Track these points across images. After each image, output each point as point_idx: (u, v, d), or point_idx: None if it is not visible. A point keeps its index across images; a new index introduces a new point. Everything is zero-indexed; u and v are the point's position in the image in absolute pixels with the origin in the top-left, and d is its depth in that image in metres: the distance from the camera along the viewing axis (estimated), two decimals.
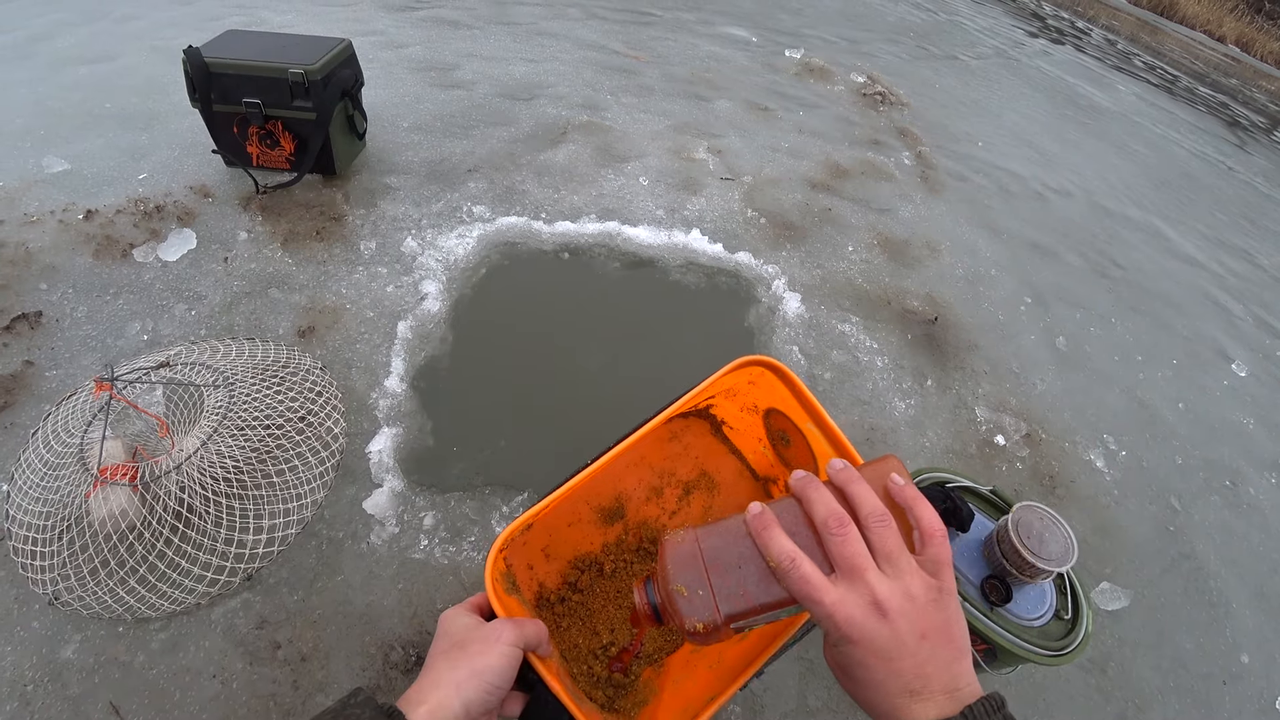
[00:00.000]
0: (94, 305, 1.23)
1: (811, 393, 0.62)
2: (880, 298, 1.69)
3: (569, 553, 0.79)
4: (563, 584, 0.77)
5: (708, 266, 1.64)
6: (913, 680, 0.41)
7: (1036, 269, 2.02)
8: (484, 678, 0.47)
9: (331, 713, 0.43)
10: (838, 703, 0.95)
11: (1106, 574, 1.23)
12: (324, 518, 1.01)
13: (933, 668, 0.41)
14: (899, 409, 1.40)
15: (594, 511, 0.81)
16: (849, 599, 0.42)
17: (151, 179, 1.53)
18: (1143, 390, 1.70)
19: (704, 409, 0.81)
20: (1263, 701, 1.15)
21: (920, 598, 0.42)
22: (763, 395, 0.70)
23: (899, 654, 0.41)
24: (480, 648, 0.48)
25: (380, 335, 1.28)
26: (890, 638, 0.41)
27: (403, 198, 1.61)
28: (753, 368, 0.63)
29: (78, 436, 0.97)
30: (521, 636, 0.50)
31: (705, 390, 0.62)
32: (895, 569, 0.42)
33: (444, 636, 0.50)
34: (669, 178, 1.91)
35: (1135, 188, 2.99)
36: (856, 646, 0.41)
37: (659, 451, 0.82)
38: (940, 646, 0.42)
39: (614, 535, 0.81)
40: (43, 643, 0.85)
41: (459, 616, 0.52)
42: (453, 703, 0.45)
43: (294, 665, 0.87)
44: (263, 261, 1.38)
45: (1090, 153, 3.22)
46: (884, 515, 0.44)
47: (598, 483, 0.79)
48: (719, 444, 0.83)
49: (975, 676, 0.42)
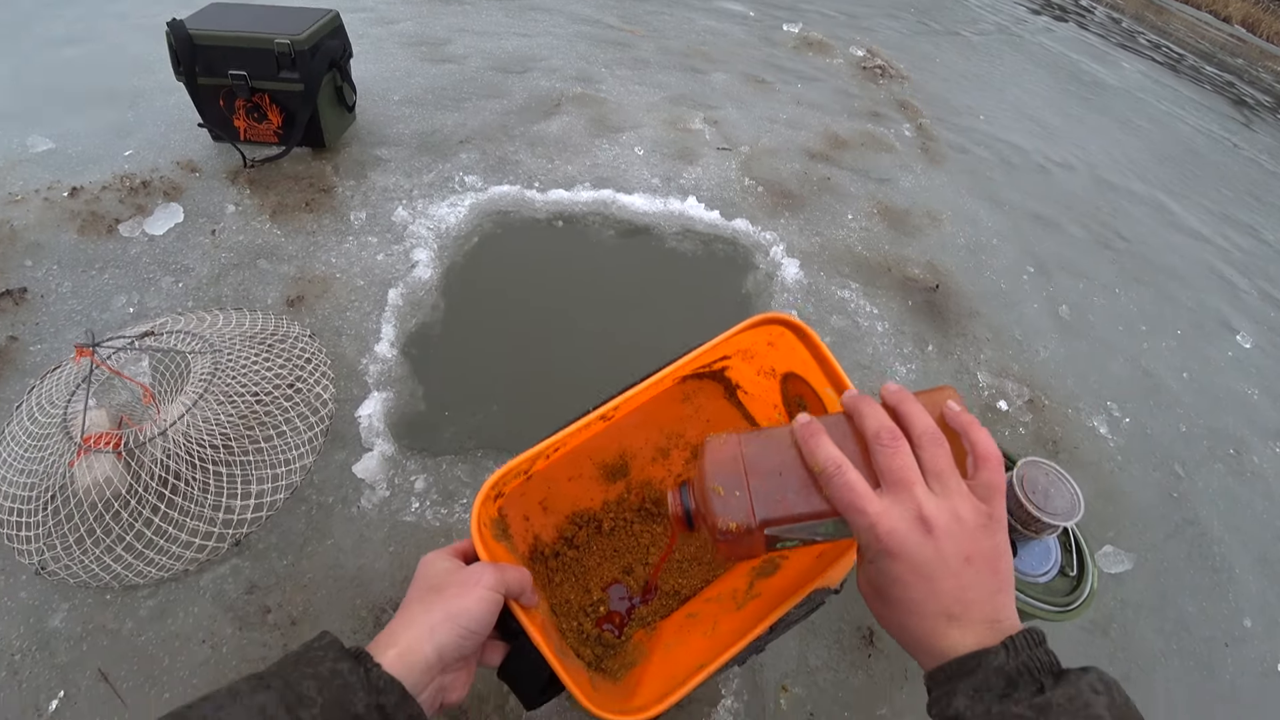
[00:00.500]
0: (79, 280, 1.22)
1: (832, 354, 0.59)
2: (880, 265, 1.66)
3: (567, 507, 0.77)
4: (559, 539, 0.75)
5: (704, 234, 1.61)
6: (952, 604, 0.39)
7: (1039, 239, 1.99)
8: (459, 621, 0.44)
9: (295, 655, 0.41)
10: (838, 662, 0.93)
11: (1110, 538, 1.22)
12: (313, 483, 0.99)
13: (975, 594, 0.39)
14: (900, 373, 1.39)
15: (596, 468, 0.78)
16: (893, 511, 0.39)
17: (137, 155, 1.51)
18: (1146, 359, 1.68)
19: (719, 371, 0.78)
20: (1265, 665, 1.14)
21: (969, 521, 0.39)
22: (781, 358, 0.66)
23: (940, 574, 0.39)
24: (457, 591, 0.45)
25: (370, 303, 1.27)
26: (933, 556, 0.39)
27: (393, 169, 1.59)
28: (772, 326, 0.60)
29: (61, 407, 0.96)
30: (502, 581, 0.47)
31: (720, 347, 0.59)
32: (944, 488, 0.40)
33: (421, 579, 0.48)
34: (664, 148, 1.88)
35: (1139, 162, 2.95)
36: (896, 561, 0.39)
37: (669, 412, 0.80)
38: (985, 574, 0.39)
39: (615, 493, 0.79)
40: (30, 612, 0.84)
41: (438, 560, 0.50)
42: (424, 646, 0.42)
43: (284, 629, 0.85)
44: (251, 233, 1.36)
45: (1093, 128, 3.18)
46: (937, 434, 0.42)
47: (602, 439, 0.77)
48: (732, 408, 0.80)
49: (1016, 613, 0.40)
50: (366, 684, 0.39)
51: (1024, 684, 0.36)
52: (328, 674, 0.39)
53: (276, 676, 0.38)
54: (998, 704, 0.35)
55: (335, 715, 0.37)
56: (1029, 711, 0.34)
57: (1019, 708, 0.34)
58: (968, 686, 0.37)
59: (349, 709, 0.37)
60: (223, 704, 0.36)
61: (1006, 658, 0.36)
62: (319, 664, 0.39)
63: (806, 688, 0.91)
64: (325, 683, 0.38)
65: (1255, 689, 1.10)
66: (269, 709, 0.36)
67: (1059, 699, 0.34)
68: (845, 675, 0.93)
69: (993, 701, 0.36)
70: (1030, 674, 0.36)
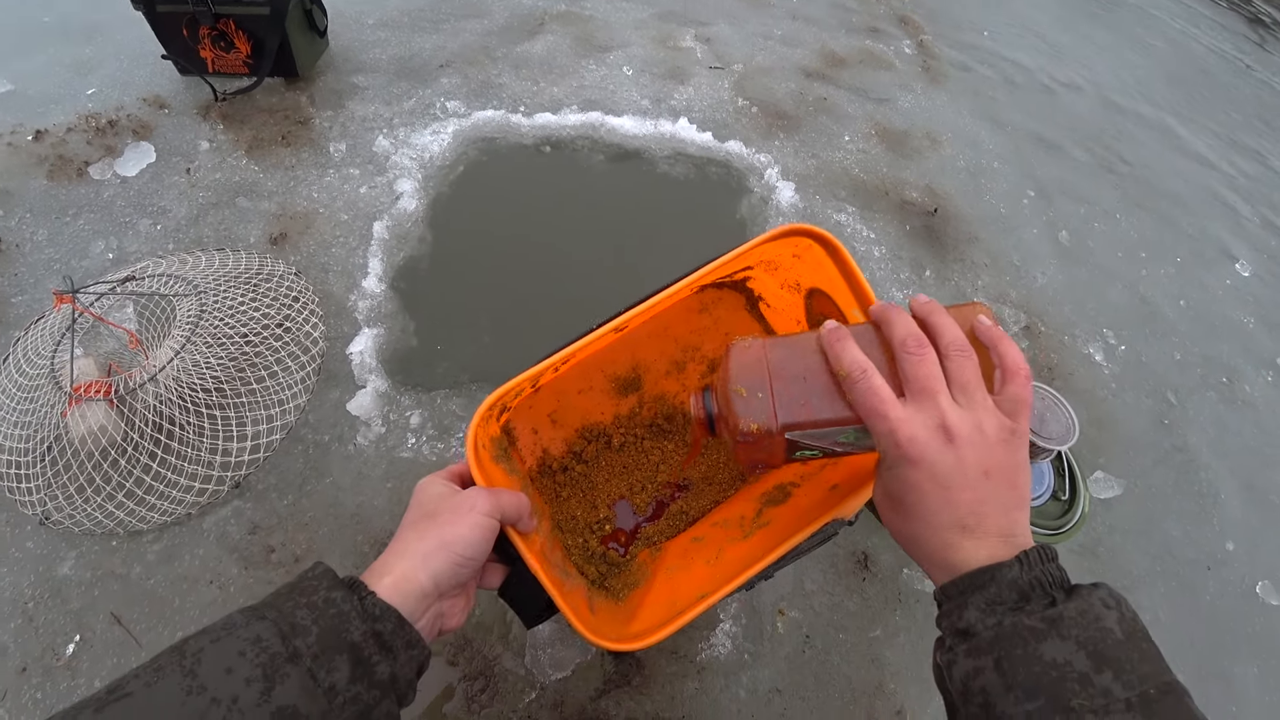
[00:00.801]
0: (54, 227, 1.17)
1: (861, 272, 0.56)
2: (878, 188, 1.62)
3: (577, 421, 0.75)
4: (567, 453, 0.74)
5: (697, 157, 1.56)
6: (967, 515, 0.39)
7: (1041, 163, 1.94)
8: (453, 549, 0.43)
9: (289, 586, 0.40)
10: (833, 586, 0.96)
11: (1101, 464, 1.24)
12: (308, 422, 0.99)
13: (991, 507, 0.39)
14: (896, 299, 1.37)
15: (608, 380, 0.76)
16: (916, 418, 0.39)
17: (101, 93, 1.43)
18: (1144, 286, 1.67)
19: (740, 281, 0.74)
20: (1244, 586, 1.18)
21: (991, 434, 0.39)
22: (807, 272, 0.64)
23: (959, 484, 0.39)
24: (451, 517, 0.45)
25: (356, 238, 1.23)
26: (953, 465, 0.39)
27: (372, 97, 1.51)
28: (800, 238, 0.57)
29: (48, 357, 0.94)
30: (498, 507, 0.46)
31: (743, 256, 0.56)
32: (969, 400, 0.40)
33: (416, 506, 0.47)
34: (654, 67, 1.79)
35: (1148, 84, 2.84)
36: (915, 468, 0.39)
37: (686, 323, 0.77)
38: (1002, 488, 0.39)
39: (627, 407, 0.77)
40: (39, 561, 0.85)
41: (433, 484, 0.49)
42: (419, 574, 0.42)
43: (288, 567, 0.86)
44: (227, 171, 1.31)
45: (1102, 46, 3.05)
46: (965, 346, 0.41)
47: (615, 350, 0.74)
48: (753, 321, 0.77)
49: (1029, 529, 0.40)
50: (361, 612, 0.39)
51: (1036, 597, 0.36)
52: (321, 603, 0.38)
53: (271, 607, 0.38)
54: (1010, 616, 0.36)
55: (331, 643, 0.37)
56: (1041, 624, 0.34)
57: (1031, 620, 0.35)
58: (980, 599, 0.37)
59: (344, 636, 0.37)
60: (219, 635, 0.36)
61: (1020, 571, 0.36)
62: (312, 594, 0.39)
63: (803, 611, 0.94)
64: (320, 612, 0.38)
65: (1233, 609, 1.14)
66: (264, 637, 0.36)
67: (1070, 612, 0.34)
68: (840, 599, 0.95)
69: (1005, 614, 0.36)
70: (1043, 588, 0.36)
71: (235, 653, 0.35)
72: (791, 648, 0.91)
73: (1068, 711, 0.32)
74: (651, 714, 0.83)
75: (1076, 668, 0.33)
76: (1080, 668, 0.33)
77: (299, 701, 0.34)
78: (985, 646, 0.35)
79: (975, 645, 0.36)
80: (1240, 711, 1.03)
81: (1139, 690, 0.32)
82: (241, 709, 0.33)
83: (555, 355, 0.52)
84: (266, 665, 0.35)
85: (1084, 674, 0.32)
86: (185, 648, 0.36)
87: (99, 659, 0.79)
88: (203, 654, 0.35)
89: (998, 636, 0.35)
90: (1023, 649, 0.34)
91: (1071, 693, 0.32)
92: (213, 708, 0.33)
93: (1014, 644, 0.34)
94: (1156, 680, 0.33)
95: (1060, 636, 0.34)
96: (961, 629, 0.37)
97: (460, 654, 0.83)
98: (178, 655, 0.35)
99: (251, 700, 0.34)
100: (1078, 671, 0.33)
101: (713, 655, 0.88)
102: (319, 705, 0.35)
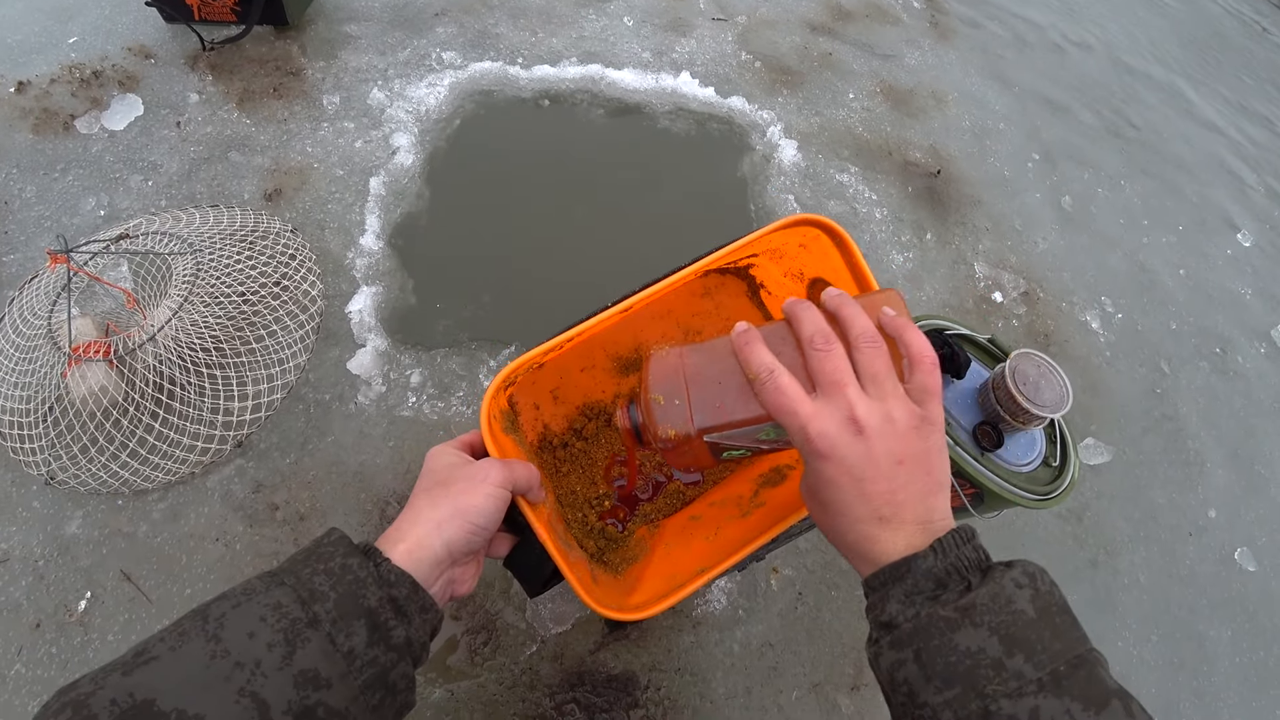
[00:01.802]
0: (42, 184, 1.14)
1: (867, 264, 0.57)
2: (881, 148, 1.60)
3: (579, 398, 0.76)
4: (568, 429, 0.76)
5: (698, 112, 1.53)
6: (883, 506, 0.39)
7: (1048, 125, 1.90)
8: (467, 517, 0.45)
9: (305, 552, 0.42)
10: (825, 545, 0.98)
11: (1091, 430, 1.26)
12: (309, 381, 0.99)
13: (905, 495, 0.39)
14: (896, 262, 1.37)
15: (610, 359, 0.77)
16: (825, 412, 0.39)
17: (84, 42, 1.37)
18: (1144, 254, 1.66)
19: (743, 268, 0.75)
20: (1223, 552, 1.22)
21: (901, 423, 0.39)
22: (812, 261, 0.64)
23: (872, 476, 0.39)
24: (465, 486, 0.46)
25: (352, 194, 1.21)
26: (863, 456, 0.39)
27: (365, 47, 1.46)
28: (807, 228, 0.57)
29: (44, 317, 0.93)
30: (510, 478, 0.47)
31: (750, 245, 0.56)
32: (879, 390, 0.40)
33: (428, 474, 0.48)
34: (656, 18, 1.74)
35: (1161, 44, 2.78)
36: (828, 463, 0.39)
37: (688, 307, 0.78)
38: (916, 475, 0.40)
39: (627, 386, 0.78)
40: (46, 521, 0.86)
41: (445, 454, 0.50)
42: (433, 541, 0.43)
43: (293, 524, 0.88)
44: (219, 124, 1.27)
45: (1117, 4, 2.96)
46: (875, 338, 0.41)
47: (618, 330, 0.75)
48: (753, 308, 0.77)
49: (950, 513, 0.41)
50: (377, 577, 0.40)
51: (952, 584, 0.37)
52: (338, 569, 0.40)
53: (289, 573, 0.39)
54: (926, 607, 0.37)
55: (349, 608, 0.38)
56: (954, 613, 0.36)
57: (945, 610, 0.36)
58: (899, 591, 0.38)
59: (361, 602, 0.39)
60: (239, 601, 0.37)
61: (935, 559, 0.37)
62: (329, 560, 0.40)
63: (795, 569, 0.96)
64: (337, 578, 0.39)
65: (1211, 575, 1.18)
66: (284, 603, 0.37)
67: (983, 598, 0.36)
68: (832, 557, 0.98)
69: (922, 604, 0.37)
70: (959, 573, 0.37)
71: (257, 618, 0.36)
72: (784, 604, 0.94)
73: (983, 697, 0.33)
74: (648, 665, 0.86)
75: (989, 654, 0.34)
76: (993, 653, 0.34)
77: (319, 665, 0.36)
78: (905, 639, 0.37)
79: (896, 638, 0.37)
80: (1211, 670, 1.08)
81: (1049, 669, 0.34)
82: (264, 672, 0.35)
83: (562, 335, 0.52)
84: (288, 630, 0.36)
85: (996, 659, 0.34)
86: (208, 612, 0.37)
87: (111, 615, 0.81)
88: (225, 619, 0.36)
89: (915, 628, 0.36)
90: (939, 639, 0.35)
91: (985, 679, 0.34)
92: (237, 671, 0.34)
93: (930, 635, 0.36)
94: (1067, 655, 0.34)
95: (973, 624, 0.35)
96: (884, 622, 0.38)
97: (463, 608, 0.85)
98: (200, 620, 0.37)
99: (274, 664, 0.35)
100: (990, 657, 0.34)
101: (708, 610, 0.91)
102: (338, 668, 0.36)
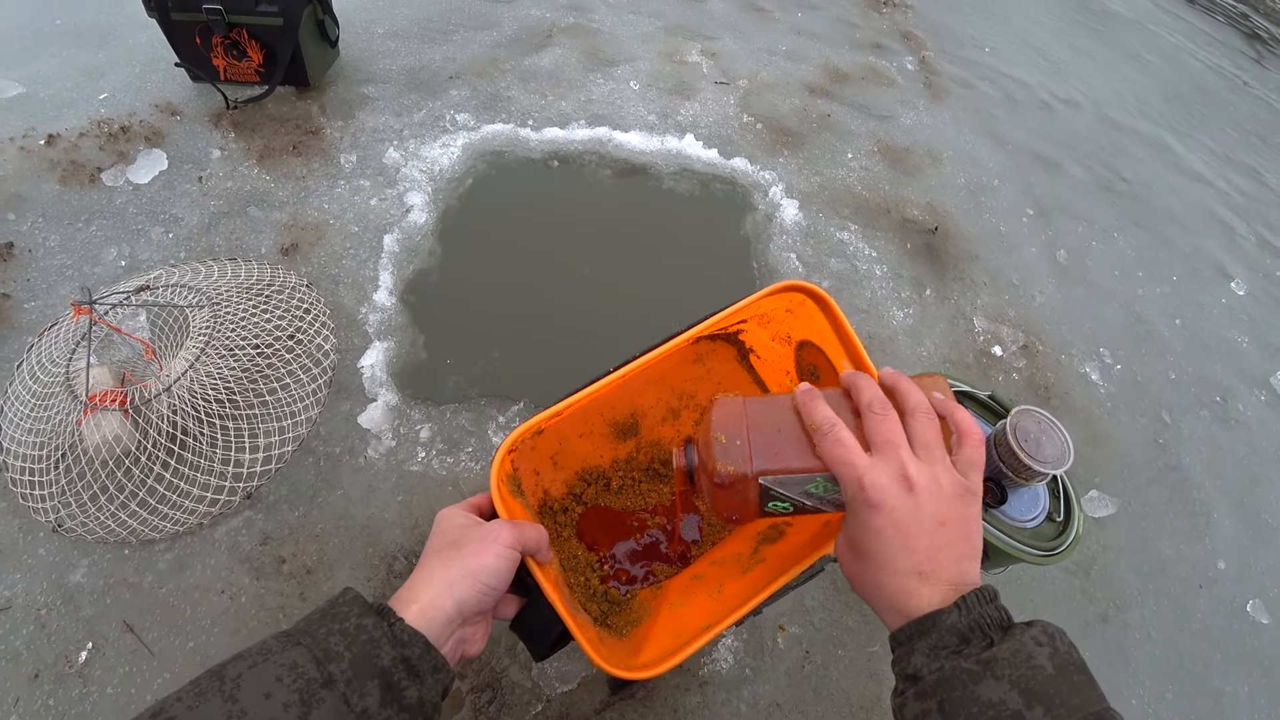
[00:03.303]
0: (66, 233, 1.18)
1: (851, 326, 0.59)
2: (880, 206, 1.64)
3: (577, 464, 0.78)
4: (567, 494, 0.77)
5: (702, 173, 1.58)
6: (924, 562, 0.42)
7: (1040, 180, 1.96)
8: (478, 578, 0.46)
9: (320, 612, 0.42)
10: (832, 603, 0.98)
11: (1096, 482, 1.26)
12: (320, 434, 1.00)
13: (945, 556, 0.42)
14: (897, 318, 1.39)
15: (607, 425, 0.79)
16: (879, 466, 0.42)
17: (113, 99, 1.44)
18: (1141, 305, 1.69)
19: (733, 334, 0.78)
20: (1235, 605, 1.20)
21: (947, 488, 0.42)
22: (799, 325, 0.67)
23: (916, 530, 0.42)
24: (476, 548, 0.47)
25: (366, 250, 1.24)
26: (912, 512, 0.42)
27: (382, 108, 1.53)
28: (793, 293, 0.61)
29: (63, 365, 0.95)
30: (520, 539, 0.49)
31: (739, 312, 0.59)
32: (929, 455, 0.43)
33: (439, 535, 0.49)
34: (661, 82, 1.81)
35: (1146, 100, 2.87)
36: (878, 513, 0.42)
37: (681, 372, 0.80)
38: (955, 539, 0.42)
39: (625, 452, 0.80)
40: (51, 568, 0.86)
41: (455, 515, 0.51)
42: (445, 601, 0.44)
43: (300, 578, 0.88)
44: (239, 179, 1.32)
45: (1101, 62, 3.08)
46: (929, 410, 0.45)
47: (614, 396, 0.77)
48: (743, 372, 0.80)
49: (980, 578, 0.43)
50: (391, 638, 0.41)
51: (975, 640, 0.39)
52: (353, 629, 0.40)
53: (304, 634, 0.40)
54: (950, 660, 0.39)
55: (363, 668, 0.39)
56: (976, 666, 0.37)
57: (969, 663, 0.38)
58: (925, 645, 0.40)
59: (376, 662, 0.39)
60: (256, 661, 0.38)
61: (959, 616, 0.39)
62: (344, 620, 0.41)
63: (803, 627, 0.96)
64: (351, 638, 0.40)
65: (1224, 628, 1.16)
66: (300, 664, 0.38)
67: (1004, 653, 0.37)
68: (839, 615, 0.97)
69: (946, 658, 0.39)
70: (981, 630, 0.39)
71: (273, 678, 0.37)
72: (791, 663, 0.93)
73: None
74: None
75: (1010, 706, 0.36)
76: (1014, 705, 0.35)
77: None
78: (930, 690, 0.38)
79: (921, 689, 0.39)
80: None
81: None
82: None
83: (561, 402, 0.55)
84: (303, 690, 0.37)
85: (1017, 711, 0.35)
86: (224, 672, 0.38)
87: (111, 667, 0.80)
88: (241, 679, 0.37)
89: (940, 680, 0.38)
90: (962, 691, 0.37)
91: None
92: None
93: (954, 687, 0.37)
94: (1085, 711, 0.36)
95: (995, 677, 0.37)
96: (910, 674, 0.40)
97: (468, 666, 0.85)
98: (217, 680, 0.37)
99: None
100: (1011, 709, 0.35)
101: (714, 670, 0.90)
102: None
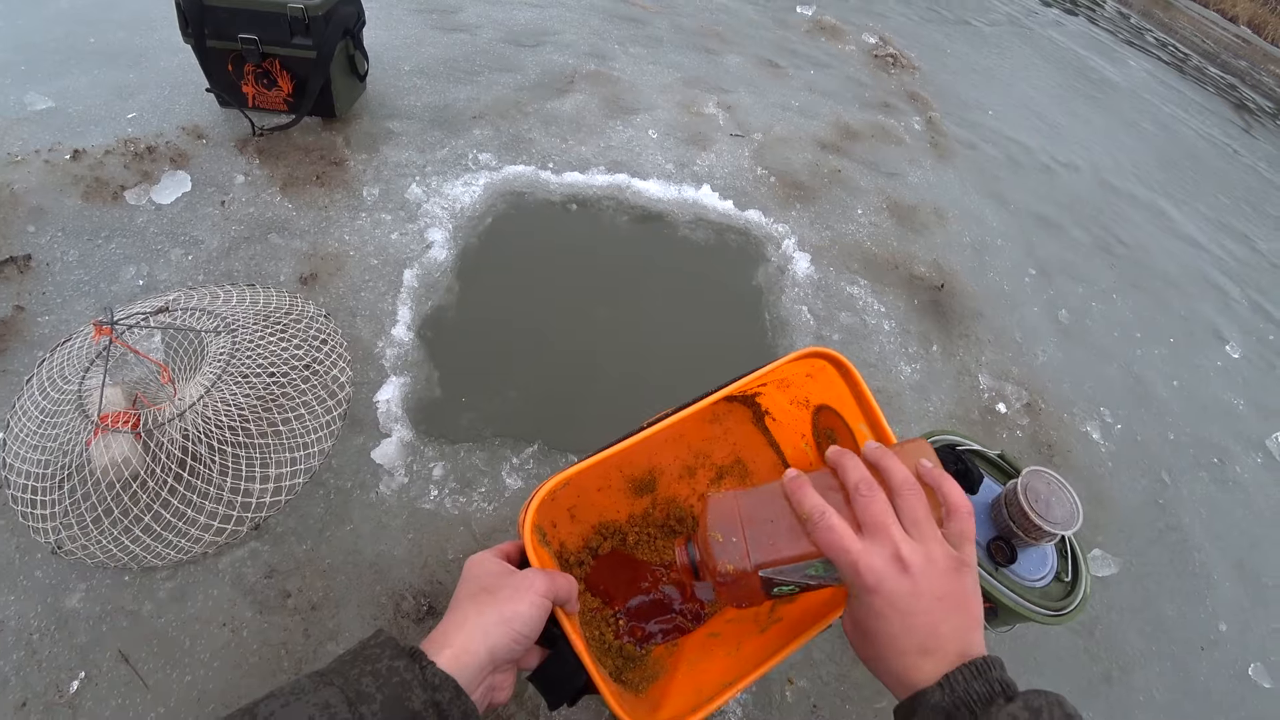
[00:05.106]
0: (85, 249, 1.19)
1: (870, 392, 0.61)
2: (888, 262, 1.68)
3: (594, 517, 0.78)
4: (584, 548, 0.76)
5: (717, 223, 1.62)
6: (926, 638, 0.42)
7: (1042, 241, 2.01)
8: (512, 625, 0.46)
9: (352, 652, 0.42)
10: (840, 656, 0.97)
11: (1098, 542, 1.27)
12: (331, 467, 1.00)
13: (946, 629, 0.42)
14: (904, 373, 1.41)
15: (626, 480, 0.79)
16: (872, 549, 0.43)
17: (141, 118, 1.46)
18: (1139, 366, 1.72)
19: (751, 396, 0.78)
20: (1237, 667, 1.20)
21: (940, 563, 0.43)
22: (817, 390, 0.68)
23: (915, 609, 0.42)
24: (510, 595, 0.47)
25: (385, 283, 1.26)
26: (909, 592, 0.42)
27: (406, 143, 1.56)
28: (814, 359, 0.62)
29: (75, 383, 0.94)
30: (553, 589, 0.49)
31: (763, 376, 0.60)
32: (920, 533, 0.44)
33: (472, 580, 0.49)
34: (678, 132, 1.87)
35: (1142, 166, 2.97)
36: (876, 596, 0.43)
37: (698, 431, 0.81)
38: (955, 612, 0.43)
39: (641, 507, 0.80)
40: (47, 592, 0.83)
41: (487, 561, 0.51)
42: (478, 647, 0.44)
43: (304, 614, 0.87)
44: (261, 206, 1.34)
45: (1099, 128, 3.19)
46: (915, 485, 0.46)
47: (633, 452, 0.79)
48: (758, 434, 0.80)
49: (984, 647, 0.44)
50: (422, 681, 0.41)
51: (960, 717, 0.40)
52: (385, 671, 0.40)
53: (336, 674, 0.40)
54: None
55: (394, 711, 0.39)
56: None
57: None
58: None
59: (407, 705, 0.39)
60: (288, 700, 0.38)
61: (941, 694, 0.40)
62: (376, 661, 0.41)
63: (811, 680, 0.94)
64: (384, 680, 0.40)
65: (1226, 691, 1.16)
66: (332, 704, 0.38)
67: None
68: (847, 669, 0.96)
69: None
70: (967, 707, 0.40)
71: (305, 717, 0.37)
72: (799, 716, 0.91)
73: None
74: None
75: None
76: None
77: None
78: None
79: None
80: None
81: None
82: None
83: (593, 458, 0.56)
84: None
85: None
86: (256, 711, 0.38)
87: (103, 699, 0.77)
88: (274, 717, 0.37)
89: None
90: None
91: None
92: None
93: None
94: None
95: None
96: None
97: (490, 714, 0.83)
98: (249, 717, 0.37)
99: None
100: None
101: None
102: None
